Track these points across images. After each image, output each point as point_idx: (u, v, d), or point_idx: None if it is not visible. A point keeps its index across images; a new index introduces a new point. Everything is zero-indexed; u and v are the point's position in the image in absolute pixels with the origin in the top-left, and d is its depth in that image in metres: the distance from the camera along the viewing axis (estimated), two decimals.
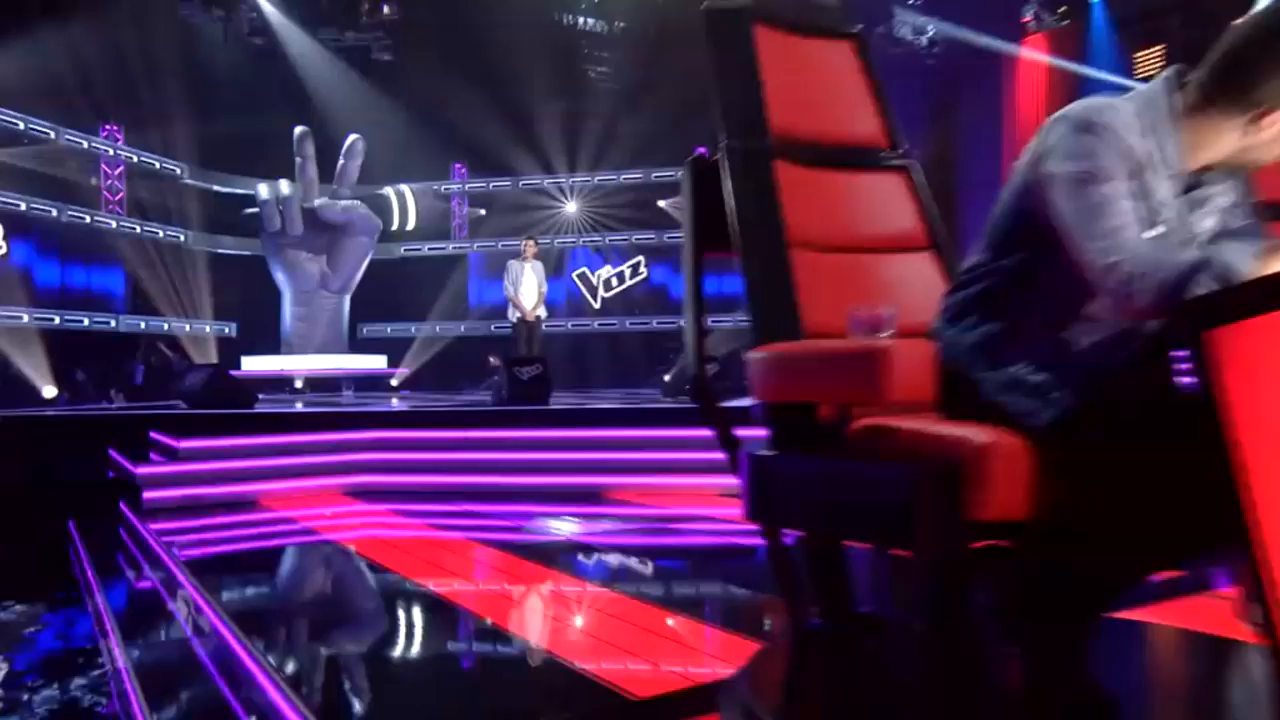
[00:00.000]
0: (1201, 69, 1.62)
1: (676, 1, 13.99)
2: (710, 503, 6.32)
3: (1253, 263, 1.47)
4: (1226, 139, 1.62)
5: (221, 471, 6.88)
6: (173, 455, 6.83)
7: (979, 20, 15.08)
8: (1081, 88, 14.95)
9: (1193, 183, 1.72)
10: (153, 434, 7.37)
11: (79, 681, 3.39)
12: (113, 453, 7.20)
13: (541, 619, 4.17)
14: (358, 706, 3.14)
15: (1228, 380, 1.21)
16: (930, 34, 15.39)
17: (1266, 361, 1.20)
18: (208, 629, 3.93)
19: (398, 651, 3.96)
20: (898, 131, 2.39)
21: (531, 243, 11.06)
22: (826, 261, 2.19)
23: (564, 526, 5.94)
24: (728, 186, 2.10)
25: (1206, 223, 1.67)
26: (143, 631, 4.09)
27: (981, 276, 1.75)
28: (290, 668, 3.45)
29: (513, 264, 10.87)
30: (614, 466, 6.74)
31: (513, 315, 10.90)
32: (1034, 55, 15.31)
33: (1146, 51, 14.42)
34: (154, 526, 5.86)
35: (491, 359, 13.83)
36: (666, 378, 10.11)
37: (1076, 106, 1.66)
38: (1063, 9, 15.11)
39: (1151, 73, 14.17)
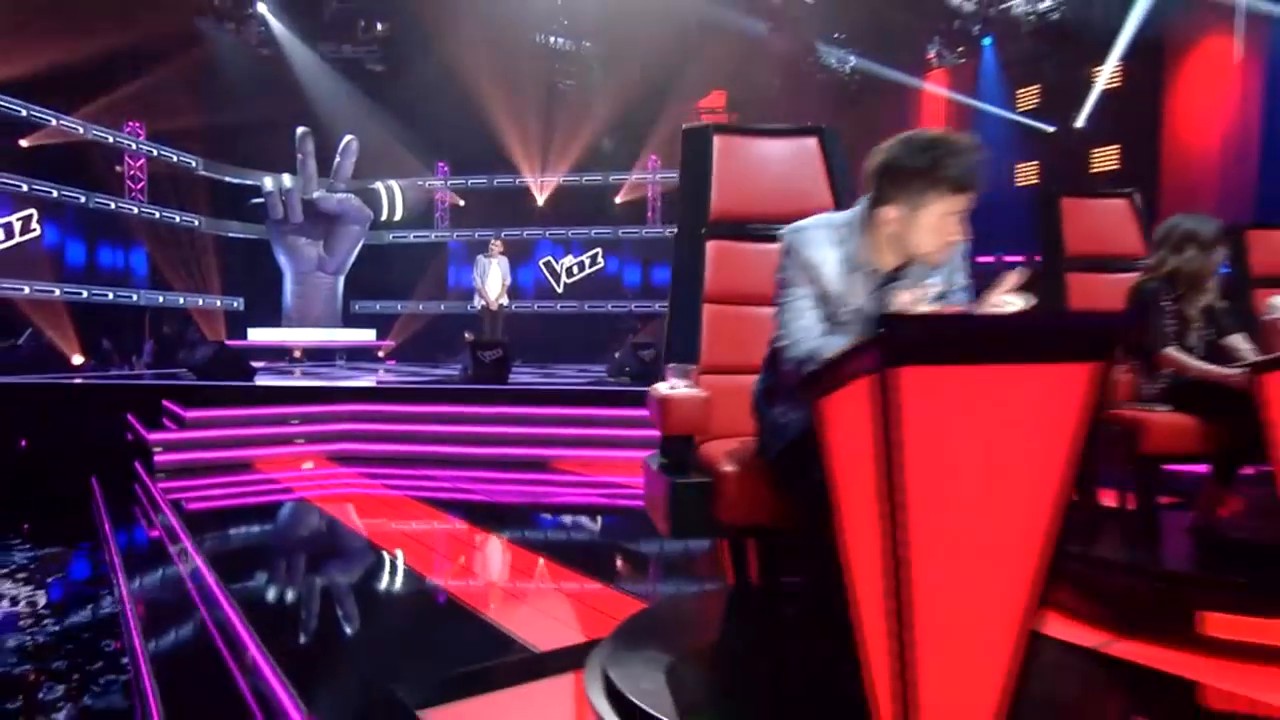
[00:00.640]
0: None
1: (635, 22, 14.22)
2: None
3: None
4: (893, 236, 1.81)
5: (222, 438, 6.87)
6: (181, 423, 6.82)
7: (891, 54, 15.42)
8: (974, 118, 15.43)
9: (895, 275, 1.89)
10: (165, 403, 7.24)
11: (91, 607, 3.76)
12: (130, 419, 7.10)
13: (464, 572, 4.13)
14: (290, 626, 3.41)
15: (827, 434, 1.44)
16: (852, 64, 15.71)
17: (849, 421, 1.38)
18: (192, 568, 4.17)
19: (333, 589, 4.07)
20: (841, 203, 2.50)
21: (499, 242, 11.22)
22: (729, 312, 2.55)
23: (509, 490, 5.98)
24: (674, 256, 2.61)
25: (920, 307, 1.73)
26: (143, 570, 4.35)
27: (772, 341, 1.97)
28: (249, 597, 3.73)
29: (481, 259, 11.01)
30: (560, 440, 6.77)
31: (478, 303, 11.09)
32: (935, 89, 15.68)
33: (1026, 89, 14.98)
34: (162, 485, 5.86)
35: (467, 334, 14.03)
36: (617, 354, 10.20)
37: (786, 230, 1.91)
38: (960, 49, 15.54)
39: (1031, 107, 14.73)
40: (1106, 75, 13.57)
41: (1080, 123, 14.06)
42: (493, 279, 10.82)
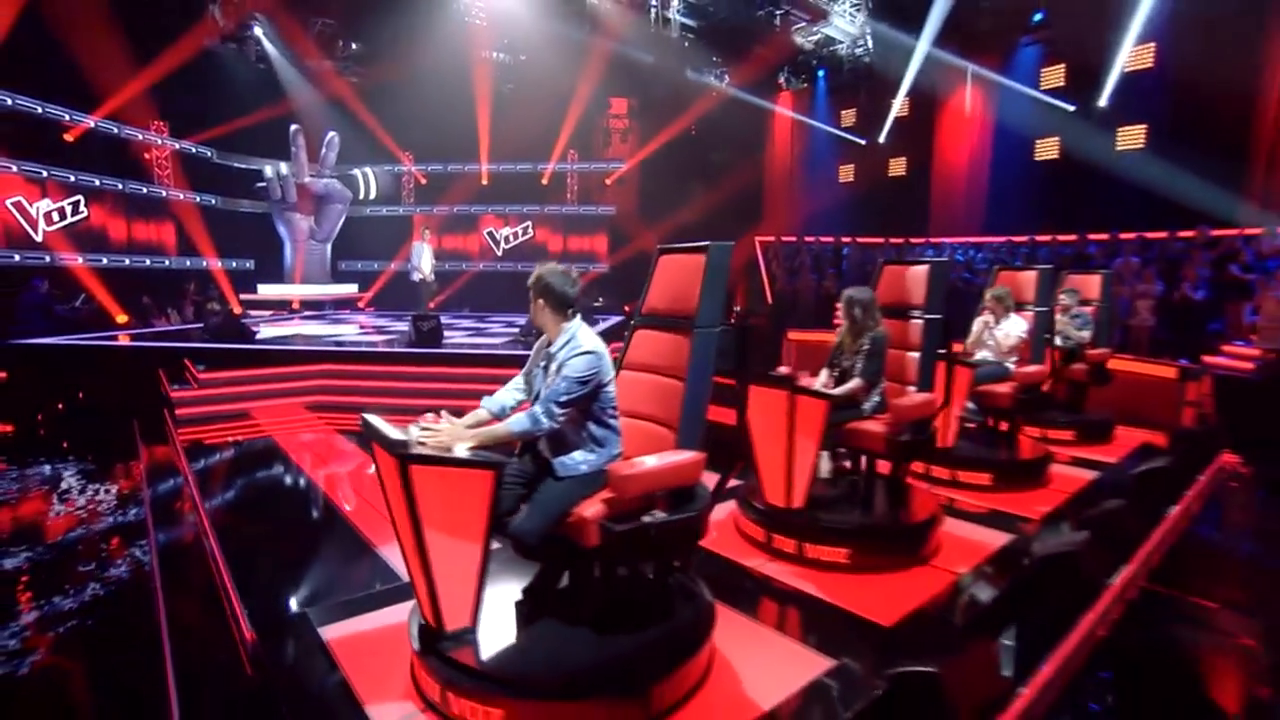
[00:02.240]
0: None
1: (558, 42, 14.21)
2: None
3: None
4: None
5: (226, 394, 6.83)
6: (197, 382, 6.88)
7: (753, 79, 15.85)
8: (810, 130, 16.03)
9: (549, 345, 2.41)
10: (186, 361, 7.23)
11: (128, 506, 4.58)
12: (161, 375, 7.06)
13: (371, 510, 4.07)
14: (239, 535, 3.69)
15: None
16: (725, 83, 16.09)
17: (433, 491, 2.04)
18: (189, 489, 4.64)
19: (272, 512, 4.31)
20: (704, 309, 2.54)
21: (429, 230, 11.16)
22: (634, 377, 2.74)
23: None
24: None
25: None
26: (160, 484, 4.81)
27: None
28: (216, 506, 4.17)
29: (416, 244, 10.86)
30: (480, 394, 7.18)
31: (415, 277, 10.84)
32: (784, 111, 16.20)
33: (847, 110, 15.62)
34: (181, 431, 6.01)
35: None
36: (522, 322, 10.09)
37: None
38: (804, 76, 15.96)
39: (850, 125, 15.44)
40: (897, 107, 14.35)
41: (882, 139, 14.90)
42: (425, 259, 10.69)
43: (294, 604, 3.06)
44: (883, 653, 2.52)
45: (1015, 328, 4.84)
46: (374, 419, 2.22)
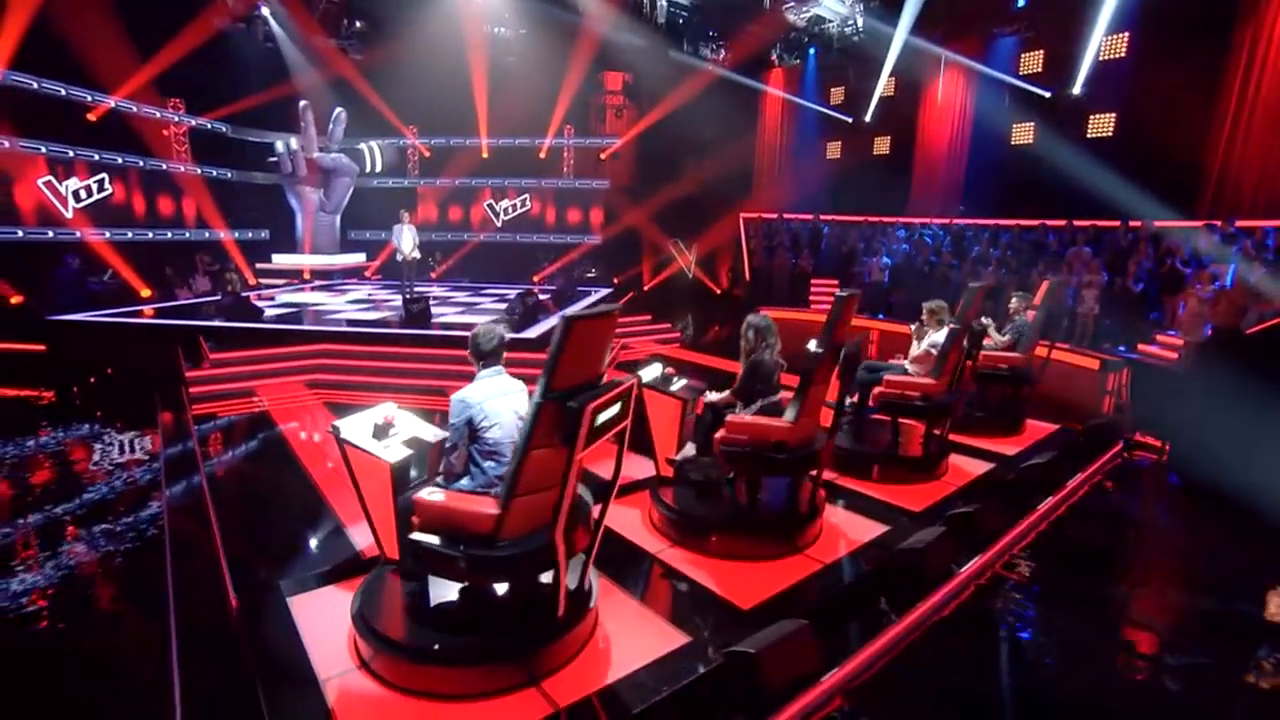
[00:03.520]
0: None
1: (554, 20, 14.23)
2: None
3: None
4: None
5: (235, 373, 7.08)
6: (209, 360, 7.26)
7: (746, 57, 15.64)
8: (799, 108, 15.91)
9: None
10: (200, 339, 7.57)
11: (147, 464, 5.10)
12: (179, 354, 7.36)
13: (343, 485, 3.96)
14: (231, 501, 4.26)
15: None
16: (721, 56, 15.93)
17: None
18: (193, 453, 5.20)
19: (266, 482, 4.77)
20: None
21: (408, 213, 11.23)
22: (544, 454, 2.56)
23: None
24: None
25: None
26: (173, 447, 5.32)
27: None
28: (214, 478, 4.65)
29: (396, 226, 10.96)
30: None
31: (398, 256, 11.02)
32: (775, 91, 16.00)
33: (836, 89, 15.49)
34: (194, 405, 6.50)
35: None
36: (509, 299, 9.99)
37: None
38: (795, 53, 15.79)
39: (839, 103, 15.35)
40: (881, 86, 14.25)
41: (868, 118, 14.84)
42: (406, 239, 10.87)
43: (270, 573, 3.49)
44: (731, 632, 3.00)
45: (937, 339, 5.14)
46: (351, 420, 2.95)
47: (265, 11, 13.06)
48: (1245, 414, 5.35)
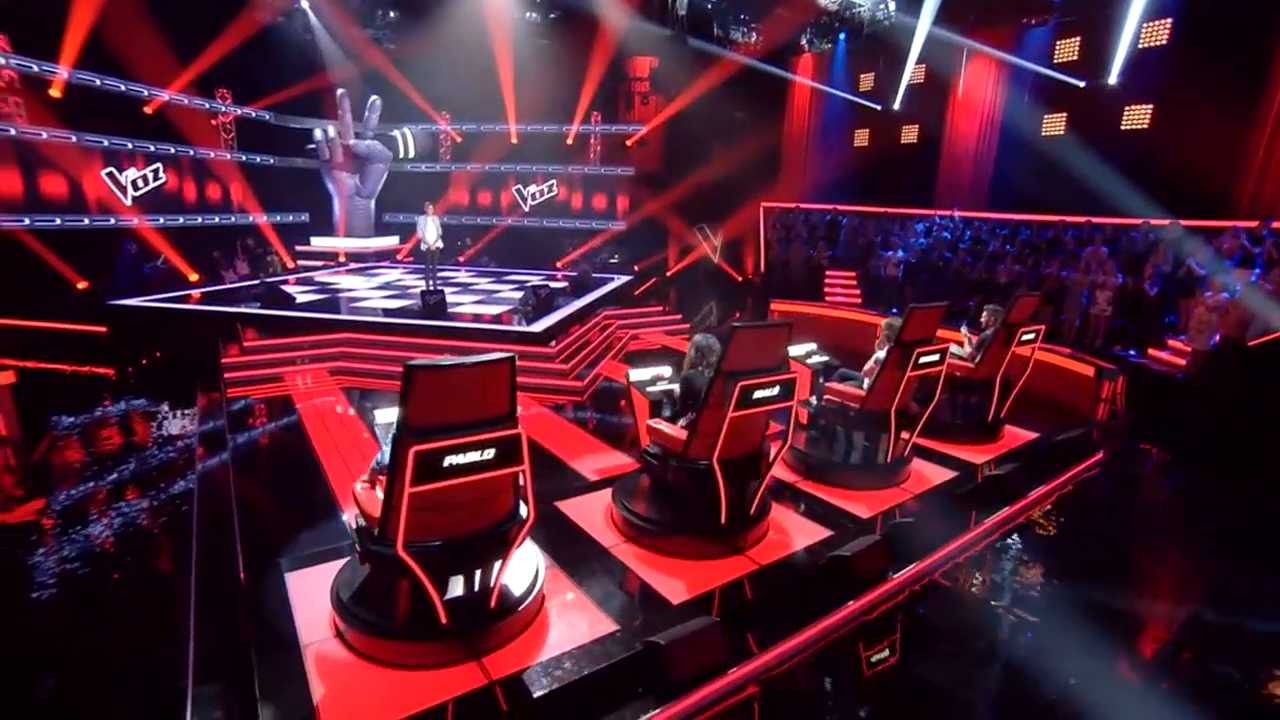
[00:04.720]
0: None
1: (581, 11, 14.42)
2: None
3: None
4: None
5: (267, 359, 7.40)
6: (242, 350, 7.63)
7: (776, 42, 15.52)
8: (828, 97, 15.78)
9: None
10: (237, 325, 7.98)
11: (186, 437, 5.77)
12: (219, 340, 7.81)
13: (345, 472, 4.80)
14: (247, 477, 4.80)
15: None
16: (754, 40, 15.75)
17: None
18: (224, 432, 5.73)
19: (282, 465, 5.25)
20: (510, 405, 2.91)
21: (432, 204, 11.28)
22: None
23: None
24: None
25: None
26: (206, 424, 5.94)
27: None
28: (237, 447, 5.30)
29: (420, 218, 11.00)
30: None
31: (422, 246, 11.12)
32: (802, 80, 15.80)
33: (865, 75, 15.28)
34: (230, 390, 6.88)
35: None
36: (522, 291, 10.06)
37: None
38: (826, 38, 15.60)
39: (868, 90, 15.17)
40: (908, 73, 14.04)
41: (896, 105, 14.66)
42: (430, 230, 11.00)
43: (272, 552, 3.86)
44: (658, 625, 3.39)
45: (880, 355, 5.25)
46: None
47: (304, 4, 13.60)
48: (1245, 426, 5.36)
